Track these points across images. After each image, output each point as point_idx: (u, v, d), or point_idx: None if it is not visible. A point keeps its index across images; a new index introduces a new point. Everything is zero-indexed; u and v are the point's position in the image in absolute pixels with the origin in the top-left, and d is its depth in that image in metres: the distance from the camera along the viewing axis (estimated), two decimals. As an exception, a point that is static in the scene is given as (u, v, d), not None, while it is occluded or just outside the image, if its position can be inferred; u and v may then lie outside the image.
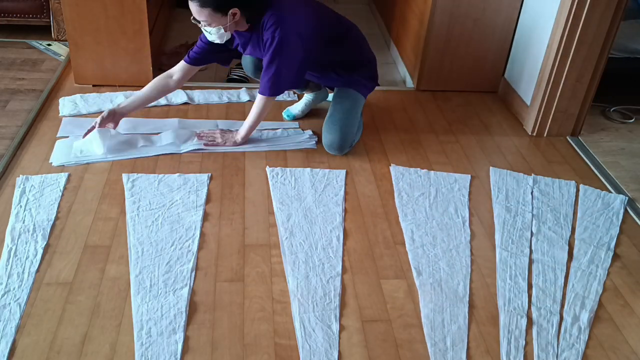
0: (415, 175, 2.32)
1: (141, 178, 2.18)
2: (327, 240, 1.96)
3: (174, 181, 2.18)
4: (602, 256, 1.99)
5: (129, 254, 1.84)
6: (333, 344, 1.60)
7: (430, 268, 1.88)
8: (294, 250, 1.90)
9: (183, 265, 1.81)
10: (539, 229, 2.08)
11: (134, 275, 1.76)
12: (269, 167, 2.28)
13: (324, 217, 2.06)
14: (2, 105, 2.63)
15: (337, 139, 2.36)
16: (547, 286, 1.85)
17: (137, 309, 1.65)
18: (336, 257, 1.90)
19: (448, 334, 1.66)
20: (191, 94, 2.78)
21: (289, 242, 1.94)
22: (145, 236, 1.91)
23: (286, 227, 2.00)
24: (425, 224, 2.07)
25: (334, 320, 1.66)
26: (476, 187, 2.29)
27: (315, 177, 2.26)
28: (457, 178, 2.33)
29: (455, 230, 2.05)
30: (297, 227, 2.00)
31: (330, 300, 1.73)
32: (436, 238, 2.01)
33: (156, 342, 1.56)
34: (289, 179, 2.23)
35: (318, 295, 1.75)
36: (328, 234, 1.99)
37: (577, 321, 1.73)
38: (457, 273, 1.87)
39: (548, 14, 2.58)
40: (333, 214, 2.08)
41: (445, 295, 1.78)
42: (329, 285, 1.79)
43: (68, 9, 2.61)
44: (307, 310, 1.69)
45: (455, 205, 2.18)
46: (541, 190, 2.29)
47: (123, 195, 2.09)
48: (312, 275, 1.81)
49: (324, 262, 1.87)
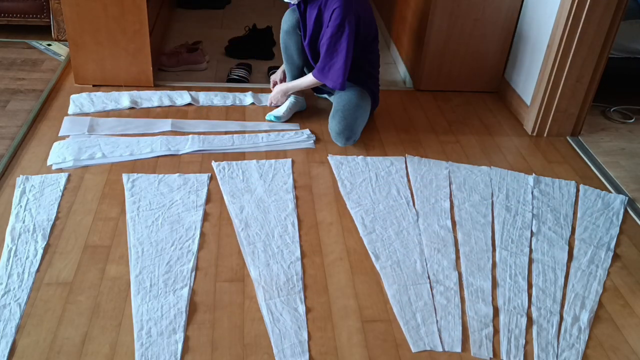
0: (354, 163, 2.36)
1: (141, 178, 2.18)
2: (282, 228, 1.99)
3: (174, 181, 2.18)
4: (602, 256, 1.99)
5: (129, 254, 1.84)
6: (302, 325, 1.64)
7: (387, 250, 1.94)
8: (252, 241, 1.93)
9: (183, 265, 1.81)
10: (539, 229, 2.08)
11: (134, 275, 1.76)
12: (214, 161, 2.30)
13: (277, 206, 2.08)
14: (2, 105, 2.63)
15: (342, 126, 2.39)
16: (547, 286, 1.85)
17: (137, 309, 1.65)
18: (293, 242, 1.93)
19: (417, 311, 1.71)
20: (196, 95, 2.78)
21: (246, 234, 1.96)
22: (145, 236, 1.91)
23: (240, 219, 2.02)
24: (372, 209, 2.11)
25: (299, 303, 1.71)
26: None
27: (262, 168, 2.29)
28: (392, 161, 2.39)
29: (402, 211, 2.10)
30: (252, 218, 2.03)
31: (294, 284, 1.77)
32: (386, 221, 2.06)
33: (156, 342, 1.56)
34: (236, 172, 2.25)
35: (281, 280, 1.78)
36: (283, 221, 2.02)
37: (577, 321, 1.73)
38: (411, 252, 1.93)
39: (548, 14, 2.58)
40: (285, 201, 2.11)
41: (406, 275, 1.84)
42: (291, 270, 1.82)
43: (68, 9, 2.61)
44: (273, 296, 1.73)
45: (397, 187, 2.22)
46: (541, 190, 2.29)
47: (123, 195, 2.09)
48: (273, 262, 1.85)
49: (282, 248, 1.90)
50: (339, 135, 2.41)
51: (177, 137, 2.43)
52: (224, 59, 3.24)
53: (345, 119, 2.40)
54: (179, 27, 3.65)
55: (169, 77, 2.97)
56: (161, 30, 3.26)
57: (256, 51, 3.27)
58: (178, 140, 2.41)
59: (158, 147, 2.36)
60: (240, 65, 3.06)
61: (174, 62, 3.03)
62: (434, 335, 1.64)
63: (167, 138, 2.42)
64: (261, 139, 2.46)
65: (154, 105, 2.68)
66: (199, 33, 3.53)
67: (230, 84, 2.94)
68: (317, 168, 2.33)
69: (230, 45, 3.30)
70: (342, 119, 2.40)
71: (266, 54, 3.29)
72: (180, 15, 3.84)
